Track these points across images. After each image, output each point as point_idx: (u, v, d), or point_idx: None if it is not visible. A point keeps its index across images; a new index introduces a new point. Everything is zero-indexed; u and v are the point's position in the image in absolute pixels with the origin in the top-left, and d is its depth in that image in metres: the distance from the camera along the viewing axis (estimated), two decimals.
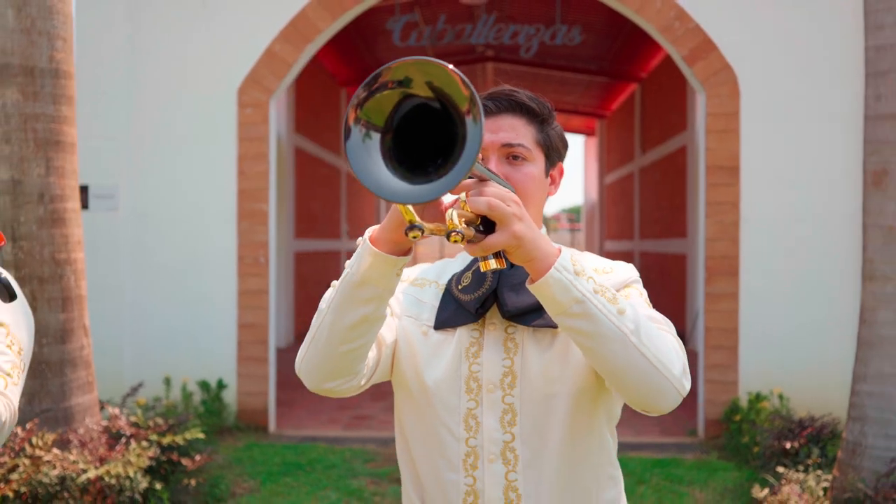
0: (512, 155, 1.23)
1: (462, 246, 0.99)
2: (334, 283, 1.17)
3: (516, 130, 1.24)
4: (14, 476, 3.51)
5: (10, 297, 1.36)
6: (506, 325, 1.23)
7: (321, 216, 12.66)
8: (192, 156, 6.00)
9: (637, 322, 1.08)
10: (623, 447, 5.40)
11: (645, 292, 1.23)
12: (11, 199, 3.95)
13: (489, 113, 1.22)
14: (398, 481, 4.69)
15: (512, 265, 1.19)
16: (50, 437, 3.70)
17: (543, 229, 1.25)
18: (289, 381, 7.62)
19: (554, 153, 1.29)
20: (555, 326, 1.17)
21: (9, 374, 1.42)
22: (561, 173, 1.31)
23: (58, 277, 4.01)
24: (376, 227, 1.09)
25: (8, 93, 3.93)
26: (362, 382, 1.22)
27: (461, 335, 1.24)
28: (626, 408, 3.99)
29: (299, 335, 11.17)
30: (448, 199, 1.02)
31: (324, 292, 1.23)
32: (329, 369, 1.17)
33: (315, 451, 5.33)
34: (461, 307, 1.23)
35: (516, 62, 12.20)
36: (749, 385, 5.53)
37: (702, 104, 5.87)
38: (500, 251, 1.03)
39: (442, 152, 0.90)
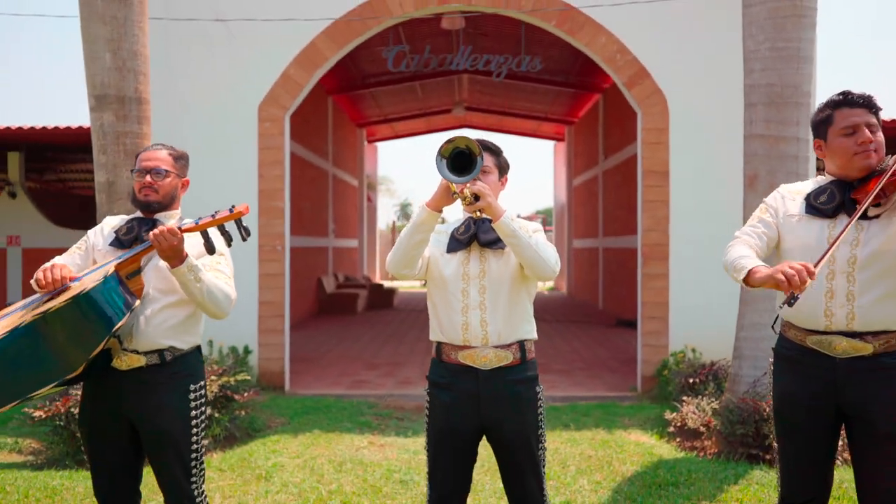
0: (483, 171, 2.68)
1: (464, 207, 2.49)
2: (408, 224, 2.60)
3: (486, 159, 2.68)
4: None
5: (231, 241, 2.76)
6: (481, 249, 2.66)
7: (311, 215, 14.03)
8: (218, 161, 7.36)
9: (537, 241, 2.51)
10: (575, 398, 6.89)
11: (544, 235, 2.67)
12: (107, 196, 5.33)
13: None
14: (398, 419, 6.13)
15: (483, 220, 2.64)
16: None
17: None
18: (295, 356, 9.00)
19: (502, 171, 2.74)
20: (503, 248, 2.62)
21: (230, 278, 2.83)
22: (505, 181, 2.77)
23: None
24: (429, 198, 2.54)
25: (105, 116, 5.32)
26: (416, 272, 2.65)
27: (459, 255, 2.66)
28: (580, 373, 6.12)
29: (295, 324, 12.54)
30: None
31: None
32: (404, 263, 2.60)
33: (326, 401, 6.73)
34: (459, 242, 2.67)
35: (490, 73, 13.69)
36: (675, 346, 7.04)
37: (639, 120, 7.38)
38: (481, 209, 2.50)
39: (467, 167, 2.38)
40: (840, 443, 3.22)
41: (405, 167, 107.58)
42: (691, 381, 5.72)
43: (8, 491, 4.25)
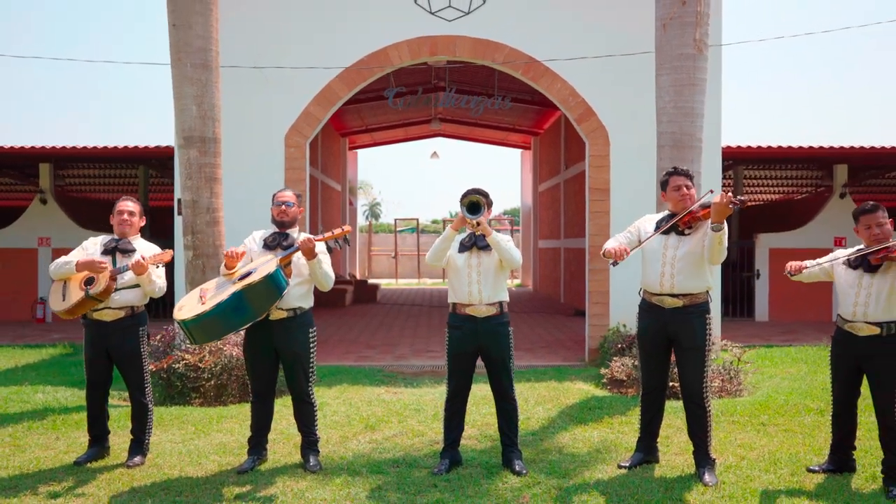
0: None
1: (470, 228, 4.72)
2: (439, 238, 4.81)
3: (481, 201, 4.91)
4: (205, 360, 7.02)
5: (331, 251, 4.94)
6: (478, 250, 4.82)
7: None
8: (254, 179, 9.47)
9: (509, 245, 4.72)
10: (535, 367, 9.14)
11: (513, 243, 4.88)
12: (192, 210, 7.45)
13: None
14: (403, 378, 8.32)
15: (480, 235, 4.85)
16: None
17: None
18: None
19: (489, 205, 4.94)
20: (490, 250, 4.80)
21: (331, 267, 4.99)
22: (491, 211, 4.97)
23: (215, 254, 7.53)
24: (452, 224, 4.75)
25: (191, 152, 7.43)
26: (443, 264, 4.84)
27: (466, 253, 4.83)
28: (542, 350, 9.52)
29: None
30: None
31: None
32: (437, 259, 4.78)
33: (343, 369, 8.89)
34: (465, 246, 4.84)
35: (464, 92, 15.93)
36: (613, 324, 9.33)
37: (587, 148, 9.67)
38: (480, 230, 4.72)
39: (477, 210, 4.60)
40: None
41: (378, 171, 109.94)
42: (620, 346, 8.03)
43: None
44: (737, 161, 14.32)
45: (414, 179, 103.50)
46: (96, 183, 17.82)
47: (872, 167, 14.41)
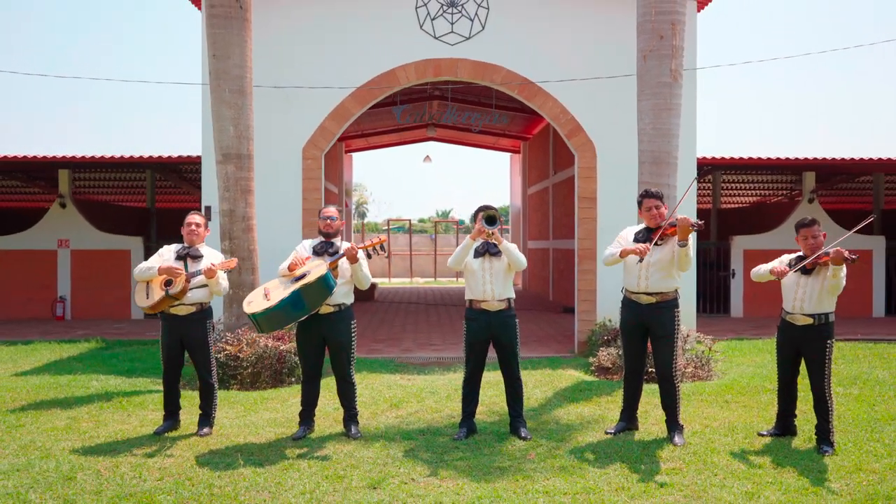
0: None
1: (485, 237, 5.89)
2: (460, 246, 5.97)
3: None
4: (243, 350, 8.14)
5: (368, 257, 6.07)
6: (490, 256, 5.98)
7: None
8: (273, 190, 10.57)
9: (516, 252, 5.88)
10: (530, 358, 10.31)
11: (517, 248, 6.05)
12: (229, 219, 8.56)
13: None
14: (415, 369, 9.46)
15: (493, 243, 6.01)
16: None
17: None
18: None
19: (500, 221, 6.12)
20: (500, 255, 5.96)
21: (368, 270, 6.12)
22: (502, 222, 6.11)
23: (249, 258, 8.64)
24: (471, 234, 5.92)
25: (228, 167, 8.53)
26: (461, 267, 6.01)
27: (480, 258, 5.98)
28: (534, 344, 11.08)
29: None
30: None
31: None
32: (458, 263, 5.94)
33: (359, 359, 10.00)
34: (479, 252, 6.00)
35: (457, 100, 17.07)
36: (599, 319, 10.52)
37: (576, 161, 10.85)
38: (493, 238, 5.89)
39: (493, 223, 5.76)
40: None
41: (369, 171, 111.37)
42: (606, 338, 9.23)
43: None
44: (715, 168, 15.57)
45: (405, 180, 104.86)
46: (107, 185, 18.81)
47: (839, 173, 15.71)
